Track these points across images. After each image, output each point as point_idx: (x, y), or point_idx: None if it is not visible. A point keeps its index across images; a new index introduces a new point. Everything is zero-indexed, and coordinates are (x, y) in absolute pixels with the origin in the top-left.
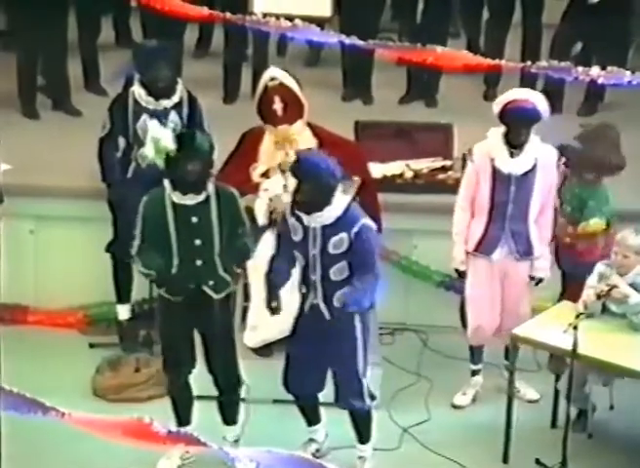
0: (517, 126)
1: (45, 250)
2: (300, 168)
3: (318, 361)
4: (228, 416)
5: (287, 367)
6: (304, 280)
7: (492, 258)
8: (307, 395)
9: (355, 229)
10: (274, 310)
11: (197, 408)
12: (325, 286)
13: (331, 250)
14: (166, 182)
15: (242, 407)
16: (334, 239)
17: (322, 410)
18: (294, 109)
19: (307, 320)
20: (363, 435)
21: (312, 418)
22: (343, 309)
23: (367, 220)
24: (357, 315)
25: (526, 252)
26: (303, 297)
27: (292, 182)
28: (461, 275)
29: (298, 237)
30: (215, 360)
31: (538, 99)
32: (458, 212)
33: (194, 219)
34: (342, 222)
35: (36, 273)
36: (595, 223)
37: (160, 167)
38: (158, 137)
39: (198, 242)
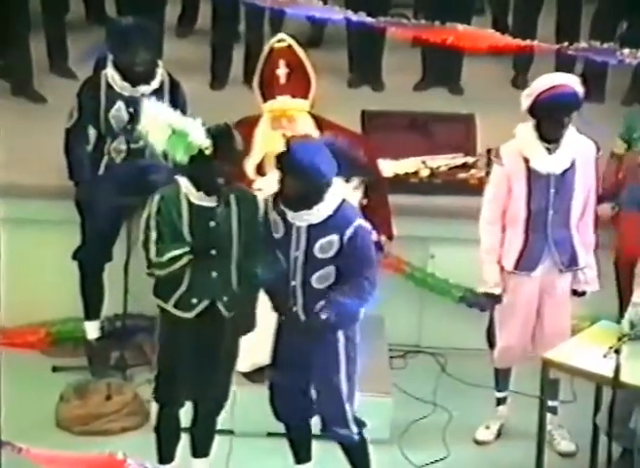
0: (559, 116)
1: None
2: (289, 160)
3: (301, 381)
4: (202, 447)
5: (271, 392)
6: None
7: (533, 275)
8: (298, 422)
9: (349, 232)
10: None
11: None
12: (306, 293)
13: (317, 253)
14: (183, 180)
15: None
16: (321, 241)
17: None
18: (298, 81)
19: (285, 333)
20: None
21: (302, 454)
22: (324, 319)
23: (362, 221)
24: (341, 331)
25: (571, 262)
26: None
27: None
28: (497, 299)
29: (278, 235)
30: (207, 383)
31: (574, 82)
32: (485, 227)
33: (212, 224)
34: (333, 223)
35: None
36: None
37: (177, 162)
38: (186, 132)
39: (214, 251)
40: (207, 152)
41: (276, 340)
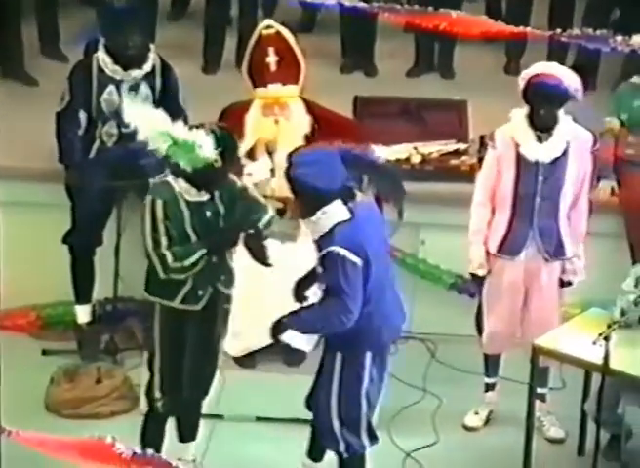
0: (539, 105)
1: None
2: (290, 172)
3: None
4: (189, 432)
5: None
6: None
7: (517, 260)
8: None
9: (322, 253)
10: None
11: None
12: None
13: (317, 265)
14: (179, 182)
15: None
16: (317, 255)
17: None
18: (289, 67)
19: None
20: None
21: (319, 449)
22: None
23: (336, 247)
24: (339, 352)
25: (556, 252)
26: None
27: (280, 165)
28: (480, 280)
29: None
30: (201, 369)
31: (566, 75)
32: (475, 207)
33: (208, 214)
34: (323, 241)
35: None
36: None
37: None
38: (198, 144)
39: (217, 238)
40: (216, 165)
41: None
